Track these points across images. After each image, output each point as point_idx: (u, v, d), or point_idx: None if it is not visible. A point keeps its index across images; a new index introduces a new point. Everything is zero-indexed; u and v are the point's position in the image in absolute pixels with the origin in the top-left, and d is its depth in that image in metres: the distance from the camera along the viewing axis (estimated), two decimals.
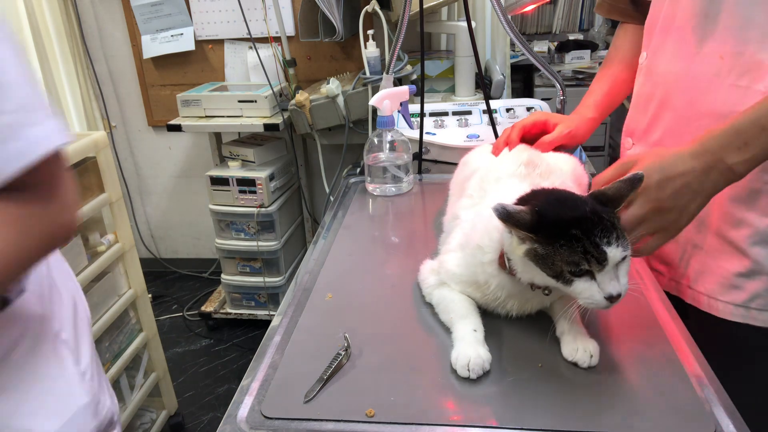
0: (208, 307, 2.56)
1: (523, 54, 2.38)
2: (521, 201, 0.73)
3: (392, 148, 1.27)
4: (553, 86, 1.45)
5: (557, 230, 0.67)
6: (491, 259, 0.76)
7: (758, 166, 0.74)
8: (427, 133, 1.46)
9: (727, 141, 0.72)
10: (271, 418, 0.67)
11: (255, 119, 2.24)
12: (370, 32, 1.98)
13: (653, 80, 0.96)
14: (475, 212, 0.85)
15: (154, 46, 2.55)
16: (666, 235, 0.75)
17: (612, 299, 0.66)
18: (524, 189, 0.81)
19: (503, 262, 0.74)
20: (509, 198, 0.75)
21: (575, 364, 0.72)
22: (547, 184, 0.87)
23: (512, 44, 2.50)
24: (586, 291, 0.67)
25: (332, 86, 2.02)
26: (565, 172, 0.93)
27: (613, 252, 0.66)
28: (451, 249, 0.85)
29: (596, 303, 0.67)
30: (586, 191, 1.00)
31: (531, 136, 1.09)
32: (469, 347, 0.72)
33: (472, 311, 0.79)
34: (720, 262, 0.88)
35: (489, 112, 1.40)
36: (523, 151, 0.96)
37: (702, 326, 0.86)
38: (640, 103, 1.00)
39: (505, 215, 0.67)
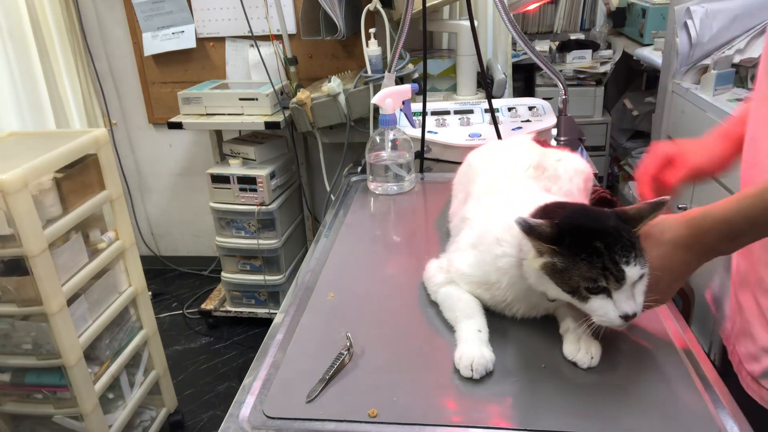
0: (208, 305, 2.55)
1: (524, 53, 2.38)
2: (541, 213, 0.72)
3: (394, 147, 1.26)
4: (555, 86, 1.45)
5: (580, 242, 0.66)
6: (506, 253, 0.75)
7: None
8: (429, 131, 1.45)
9: (719, 235, 0.71)
10: (273, 418, 0.67)
11: (256, 117, 2.24)
12: (371, 31, 1.98)
13: None
14: (486, 212, 0.85)
15: (155, 43, 2.54)
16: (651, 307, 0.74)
17: (627, 318, 0.66)
18: (534, 192, 0.81)
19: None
20: (520, 202, 0.75)
21: (575, 364, 0.72)
22: (556, 188, 0.87)
23: (514, 43, 2.50)
24: (602, 309, 0.67)
25: (333, 84, 2.02)
26: (572, 178, 0.92)
27: (632, 271, 0.65)
28: (461, 248, 0.85)
29: (610, 321, 0.67)
30: (590, 194, 1.00)
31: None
32: (473, 347, 0.72)
33: (478, 311, 0.79)
34: (752, 328, 0.83)
35: (491, 111, 1.39)
36: (532, 152, 0.96)
37: (739, 388, 0.82)
38: None
39: (528, 228, 0.67)
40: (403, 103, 1.31)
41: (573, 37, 3.04)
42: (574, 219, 0.69)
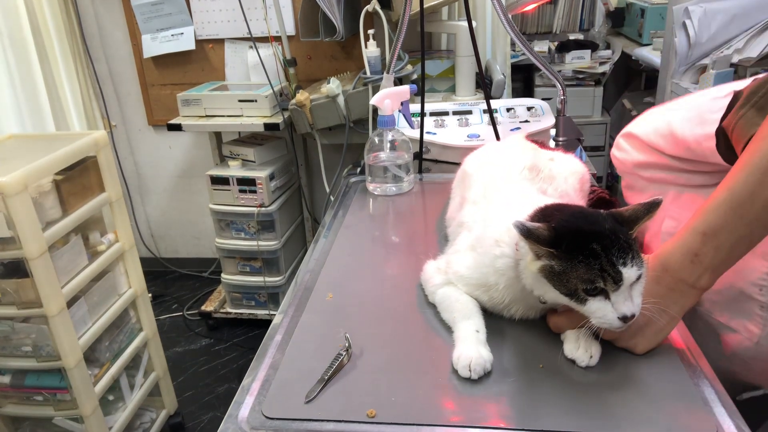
0: (208, 307, 2.56)
1: (523, 54, 2.38)
2: (539, 215, 0.72)
3: (393, 148, 1.27)
4: (554, 86, 1.45)
5: (577, 244, 0.66)
6: (504, 254, 0.75)
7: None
8: (427, 132, 1.45)
9: (680, 258, 0.71)
10: (271, 419, 0.67)
11: (255, 119, 2.24)
12: (370, 32, 1.98)
13: None
14: (483, 215, 0.85)
15: (155, 45, 2.54)
16: (637, 349, 0.73)
17: (626, 319, 0.66)
18: (530, 194, 0.81)
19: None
20: (518, 204, 0.76)
21: (574, 362, 0.72)
22: (551, 189, 0.87)
23: (513, 44, 2.50)
24: (600, 311, 0.67)
25: (332, 86, 2.02)
26: (567, 178, 0.93)
27: (629, 272, 0.66)
28: (460, 250, 0.85)
29: (609, 323, 0.67)
30: (587, 195, 1.01)
31: None
32: (471, 347, 0.72)
33: (476, 312, 0.79)
34: None
35: (489, 111, 1.40)
36: (526, 153, 0.96)
37: None
38: None
39: (526, 232, 0.67)
40: (402, 104, 1.31)
41: (572, 37, 3.04)
42: (571, 222, 0.69)
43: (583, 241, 0.66)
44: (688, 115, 0.87)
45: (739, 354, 0.84)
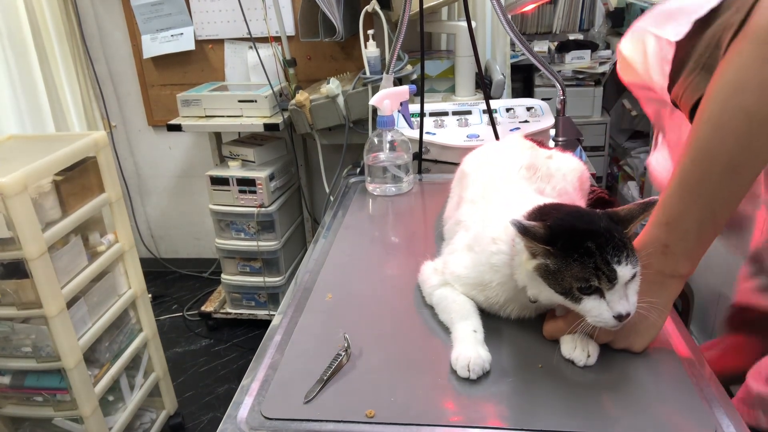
0: (208, 307, 2.56)
1: (523, 54, 2.38)
2: (536, 214, 0.73)
3: (392, 148, 1.27)
4: (554, 86, 1.46)
5: (573, 242, 0.67)
6: (500, 250, 0.75)
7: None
8: (427, 132, 1.46)
9: (652, 251, 0.71)
10: (271, 419, 0.67)
11: (255, 119, 2.24)
12: (370, 32, 1.98)
13: None
14: (481, 215, 0.85)
15: (154, 45, 2.54)
16: (634, 348, 0.73)
17: (621, 318, 0.66)
18: (528, 193, 0.81)
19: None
20: (516, 203, 0.76)
21: (572, 362, 0.72)
22: (549, 187, 0.87)
23: (512, 44, 2.50)
24: (595, 309, 0.67)
25: (332, 86, 2.02)
26: (566, 175, 0.93)
27: (623, 271, 0.66)
28: (457, 249, 0.85)
29: (605, 321, 0.67)
30: (587, 194, 1.01)
31: None
32: (469, 348, 0.72)
33: (473, 312, 0.79)
34: None
35: (489, 112, 1.40)
36: (525, 150, 0.96)
37: None
38: None
39: (523, 229, 0.67)
40: (401, 104, 1.31)
41: (572, 37, 3.05)
42: (567, 220, 0.69)
43: (578, 240, 0.67)
44: (656, 57, 0.86)
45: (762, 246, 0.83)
